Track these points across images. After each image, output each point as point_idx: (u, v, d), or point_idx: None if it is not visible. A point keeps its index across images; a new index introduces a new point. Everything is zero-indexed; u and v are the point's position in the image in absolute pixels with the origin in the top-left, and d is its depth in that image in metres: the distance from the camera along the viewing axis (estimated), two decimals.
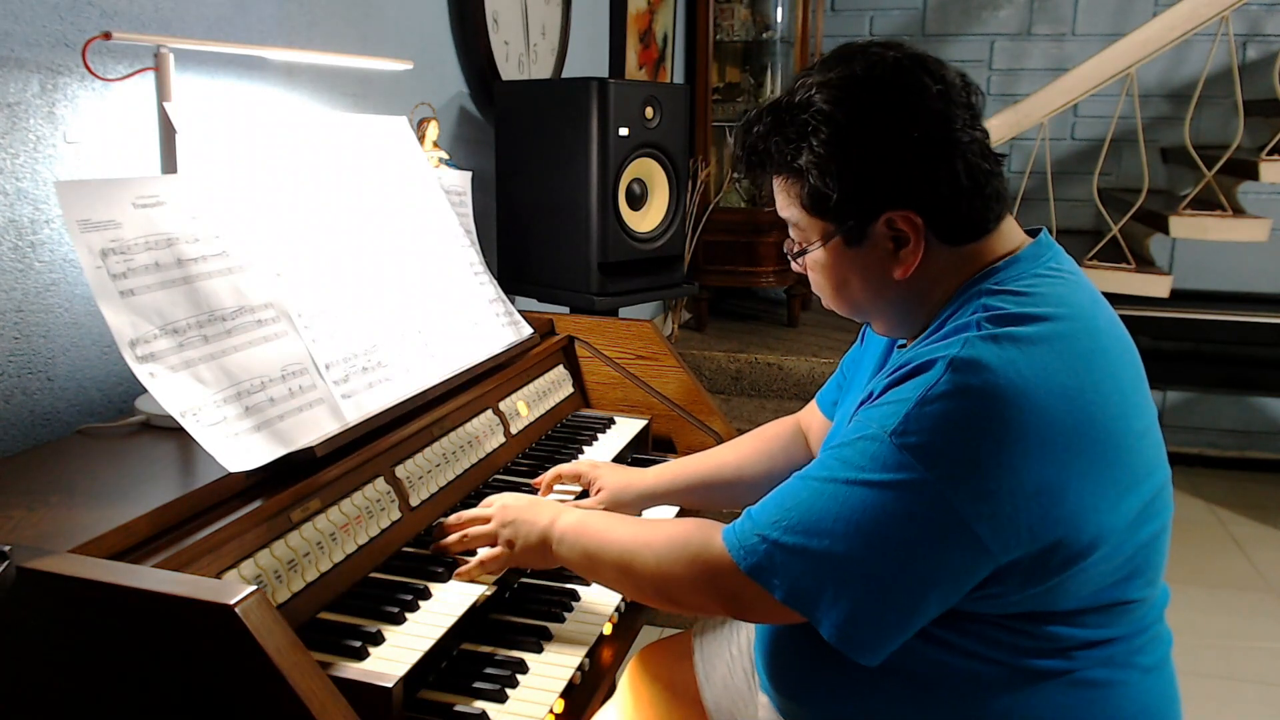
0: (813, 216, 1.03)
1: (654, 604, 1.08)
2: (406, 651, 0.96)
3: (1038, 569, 0.91)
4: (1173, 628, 1.07)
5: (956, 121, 0.98)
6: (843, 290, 1.07)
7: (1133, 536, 0.95)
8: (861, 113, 0.97)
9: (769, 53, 4.18)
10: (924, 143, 0.96)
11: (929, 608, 0.92)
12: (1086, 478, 0.90)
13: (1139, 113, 3.33)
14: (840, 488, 0.92)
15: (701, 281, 3.94)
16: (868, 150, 0.97)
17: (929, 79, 0.98)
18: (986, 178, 0.99)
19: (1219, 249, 3.76)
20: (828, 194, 0.99)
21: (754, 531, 0.96)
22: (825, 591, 0.91)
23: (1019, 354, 0.90)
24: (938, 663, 0.98)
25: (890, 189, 0.98)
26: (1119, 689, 0.98)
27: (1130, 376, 0.99)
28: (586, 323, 1.80)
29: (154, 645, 0.75)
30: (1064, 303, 0.96)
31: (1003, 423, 0.87)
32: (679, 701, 1.41)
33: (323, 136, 1.36)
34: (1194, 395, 4.27)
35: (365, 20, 1.87)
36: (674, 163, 2.17)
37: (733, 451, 1.45)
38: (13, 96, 1.14)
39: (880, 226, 0.99)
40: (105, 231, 0.98)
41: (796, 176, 1.02)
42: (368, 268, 1.31)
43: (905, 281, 1.02)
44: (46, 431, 1.20)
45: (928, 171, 0.97)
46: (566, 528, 1.12)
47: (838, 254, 1.03)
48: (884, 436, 0.90)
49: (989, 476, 0.87)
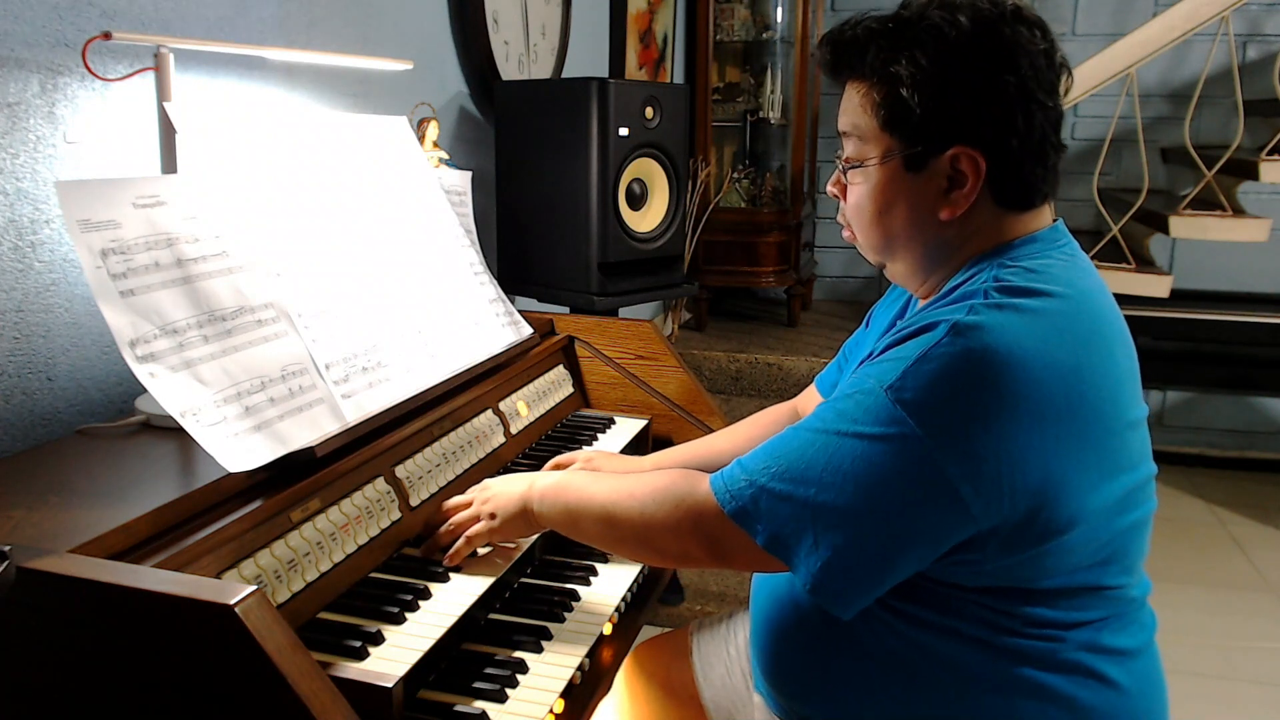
0: (883, 130, 1.02)
1: (635, 553, 1.09)
2: (407, 651, 0.96)
3: (1016, 539, 0.92)
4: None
5: (1045, 83, 0.99)
6: (884, 216, 1.05)
7: (1111, 522, 0.97)
8: (972, 41, 0.98)
9: (769, 53, 4.18)
10: (1016, 91, 0.97)
11: (905, 564, 0.93)
12: (1073, 455, 0.91)
13: (1139, 113, 3.33)
14: (832, 438, 0.93)
15: (701, 281, 3.94)
16: (966, 79, 0.98)
17: (1037, 33, 1.00)
18: (1053, 150, 1.02)
19: (1219, 249, 3.76)
20: (911, 109, 0.99)
21: (742, 477, 0.97)
22: (805, 539, 0.93)
23: (1021, 324, 0.91)
24: (922, 645, 1.00)
25: (971, 123, 0.98)
26: (1101, 672, 1.00)
27: (1126, 369, 1.00)
28: (586, 323, 1.80)
29: (154, 645, 0.74)
30: (1071, 285, 0.97)
31: (997, 388, 0.88)
32: (676, 699, 1.41)
33: (323, 136, 1.36)
34: (1194, 395, 4.27)
35: (365, 20, 1.87)
36: (674, 163, 2.17)
37: (728, 438, 1.46)
38: (13, 96, 1.14)
39: (944, 161, 1.00)
40: (105, 231, 0.98)
41: (884, 83, 1.01)
42: (368, 268, 1.31)
43: (944, 227, 1.03)
44: (46, 431, 1.20)
45: (1009, 118, 0.98)
46: (545, 488, 1.13)
47: (893, 176, 1.03)
48: (880, 390, 0.92)
49: (978, 439, 0.88)
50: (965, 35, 0.98)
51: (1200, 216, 3.39)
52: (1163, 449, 4.23)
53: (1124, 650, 1.01)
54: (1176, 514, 3.69)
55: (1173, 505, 3.77)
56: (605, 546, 1.14)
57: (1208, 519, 3.65)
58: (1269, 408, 4.21)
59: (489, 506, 1.17)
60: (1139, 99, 3.34)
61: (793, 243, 3.99)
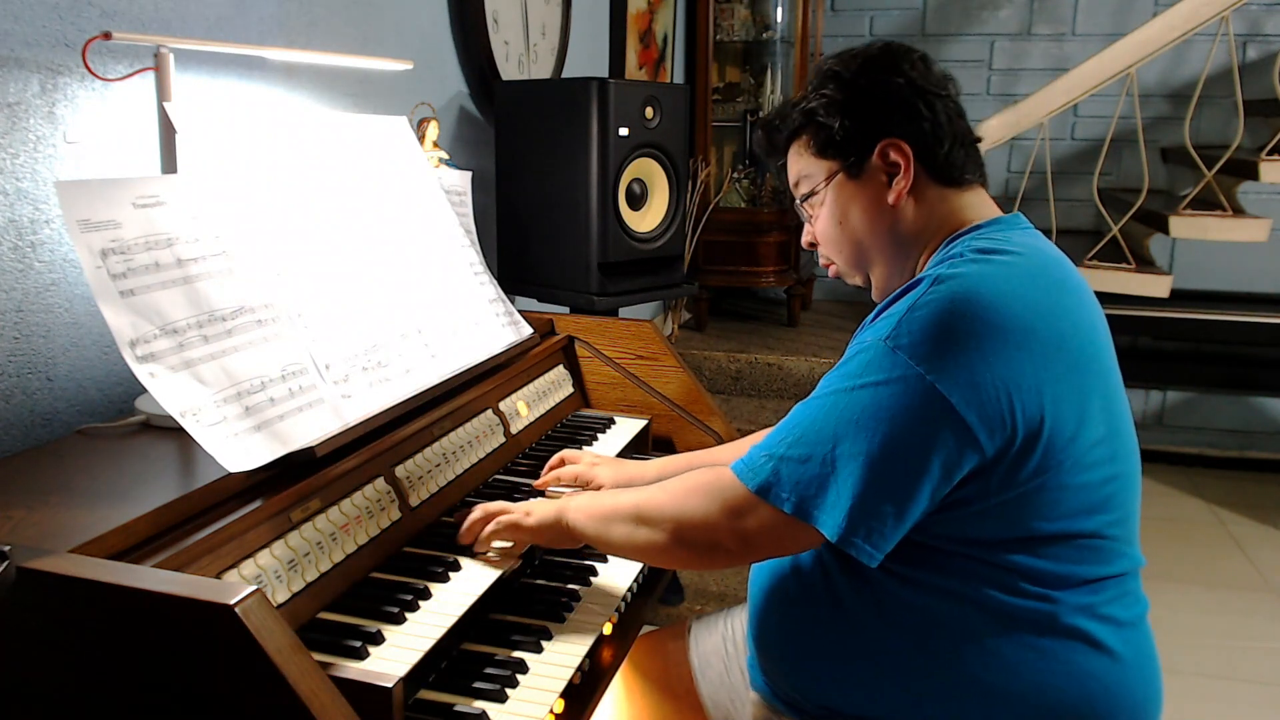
0: (821, 158, 1.19)
1: (666, 552, 1.10)
2: (407, 651, 0.96)
3: (1016, 468, 0.99)
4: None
5: (934, 80, 1.16)
6: (846, 224, 1.19)
7: (1101, 465, 1.03)
8: (860, 65, 1.17)
9: (769, 53, 4.18)
10: (909, 86, 1.15)
11: (921, 500, 0.98)
12: (1062, 382, 1.00)
13: (1139, 113, 3.33)
14: (841, 396, 1.01)
15: (701, 281, 3.94)
16: (866, 90, 1.16)
17: (912, 51, 1.19)
18: (965, 134, 1.17)
19: (1219, 249, 3.75)
20: (834, 130, 1.16)
21: (762, 454, 1.03)
22: (829, 493, 0.98)
23: (996, 272, 1.02)
24: (922, 608, 1.04)
25: (884, 119, 1.14)
26: (1096, 639, 1.04)
27: (1099, 322, 1.10)
28: (586, 323, 1.80)
29: (154, 645, 0.74)
30: (1035, 249, 1.09)
31: (984, 322, 0.97)
32: (673, 696, 1.42)
33: (323, 136, 1.36)
34: (1194, 395, 4.27)
35: (365, 20, 1.87)
36: (674, 163, 2.17)
37: (733, 451, 1.46)
38: (13, 96, 1.14)
39: (875, 158, 1.15)
40: (105, 231, 0.98)
41: (809, 125, 1.19)
42: (368, 268, 1.31)
43: (899, 213, 1.15)
44: (46, 431, 1.20)
45: (913, 108, 1.14)
46: (581, 501, 1.17)
47: (841, 188, 1.18)
48: (878, 343, 1.00)
49: (975, 368, 0.96)
50: (857, 65, 1.18)
51: (1200, 216, 3.39)
52: (1163, 449, 4.24)
53: (1120, 620, 1.06)
54: (1176, 514, 3.69)
55: (1173, 505, 3.77)
56: (637, 553, 1.14)
57: (1208, 519, 3.65)
58: (1269, 408, 4.21)
59: (525, 506, 1.19)
60: (1139, 99, 3.34)
61: (793, 243, 3.98)
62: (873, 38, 4.37)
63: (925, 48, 1.19)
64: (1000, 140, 3.47)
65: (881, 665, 1.06)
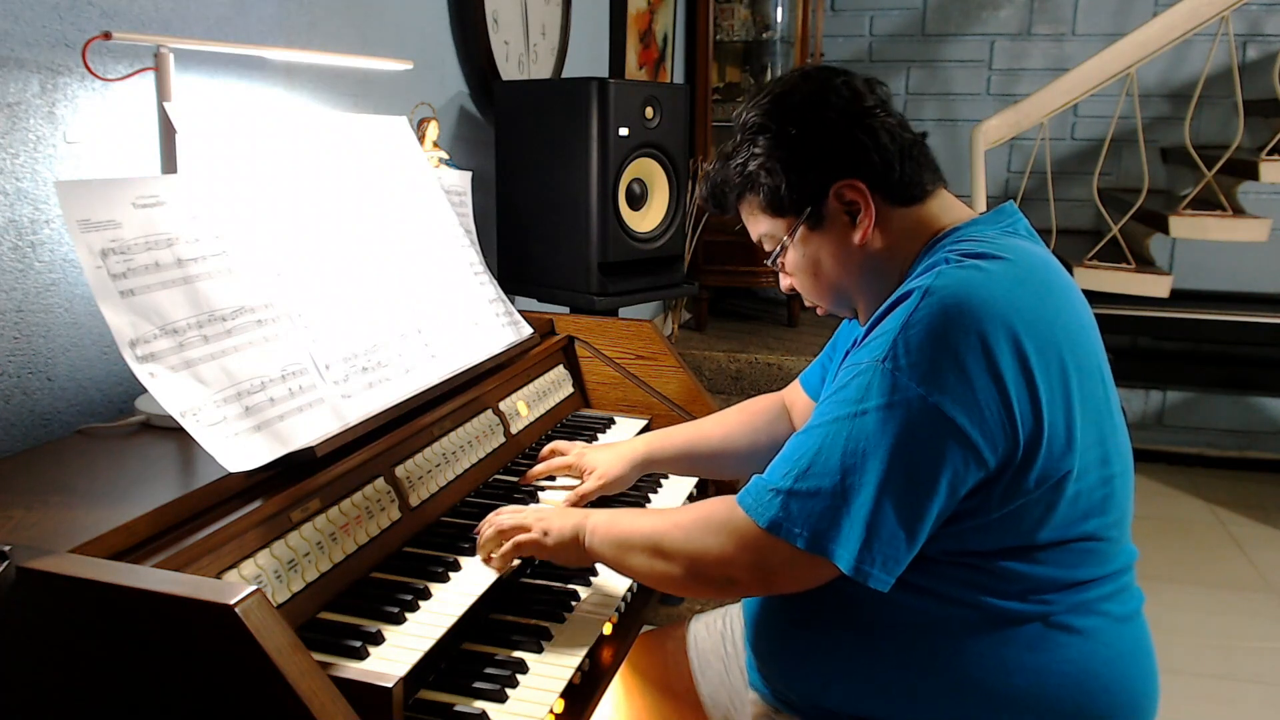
0: (776, 217, 1.16)
1: (684, 586, 1.09)
2: (407, 651, 0.96)
3: (1019, 481, 0.98)
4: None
5: (867, 100, 1.12)
6: (821, 273, 1.16)
7: (1097, 468, 1.02)
8: (785, 111, 1.13)
9: (769, 53, 4.18)
10: (842, 117, 1.10)
11: (929, 521, 0.98)
12: (1057, 389, 0.99)
13: (1139, 113, 3.33)
14: (843, 424, 0.98)
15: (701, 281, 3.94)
16: (799, 137, 1.11)
17: (832, 75, 1.14)
18: (911, 145, 1.12)
19: (1219, 249, 3.75)
20: (779, 187, 1.12)
21: (766, 488, 1.01)
22: (843, 524, 0.97)
23: (983, 278, 1.00)
24: (918, 611, 1.03)
25: (828, 163, 1.11)
26: (1092, 636, 1.04)
27: (1087, 322, 1.08)
28: (586, 323, 1.80)
29: (154, 645, 0.74)
30: (1017, 251, 1.06)
31: (978, 333, 0.96)
32: (672, 696, 1.42)
33: (323, 136, 1.36)
34: (1194, 395, 4.27)
35: (365, 20, 1.87)
36: (674, 163, 2.17)
37: (719, 424, 1.48)
38: (13, 96, 1.14)
39: (832, 202, 1.11)
40: (105, 231, 0.98)
41: (752, 187, 1.15)
42: (368, 268, 1.31)
43: (868, 246, 1.12)
44: (46, 431, 1.20)
45: (853, 140, 1.10)
46: (598, 522, 1.15)
47: (807, 241, 1.15)
48: (875, 365, 0.98)
49: (973, 382, 0.95)
50: (776, 112, 1.13)
51: (1200, 216, 3.39)
52: (1163, 449, 4.24)
53: (1116, 616, 1.06)
54: (1176, 514, 3.69)
55: (1173, 505, 3.77)
56: (654, 581, 1.12)
57: (1208, 519, 3.65)
58: (1269, 408, 4.21)
59: (544, 524, 1.15)
60: (1139, 99, 3.34)
61: None
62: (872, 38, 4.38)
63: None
64: (1000, 141, 3.47)
65: (877, 667, 1.06)
